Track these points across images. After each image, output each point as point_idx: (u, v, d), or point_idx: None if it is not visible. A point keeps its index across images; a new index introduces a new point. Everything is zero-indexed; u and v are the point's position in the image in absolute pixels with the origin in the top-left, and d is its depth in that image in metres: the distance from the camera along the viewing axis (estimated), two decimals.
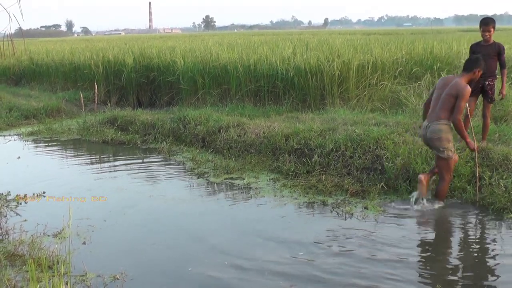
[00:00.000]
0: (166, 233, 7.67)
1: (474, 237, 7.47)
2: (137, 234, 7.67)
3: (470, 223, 7.83)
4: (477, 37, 9.62)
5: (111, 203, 9.02)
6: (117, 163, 12.07)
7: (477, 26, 10.18)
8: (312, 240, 7.21)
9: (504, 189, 8.15)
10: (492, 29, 9.77)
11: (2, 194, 9.32)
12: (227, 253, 6.90)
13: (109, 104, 19.76)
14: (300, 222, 7.95)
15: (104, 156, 12.93)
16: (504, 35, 32.31)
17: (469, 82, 8.14)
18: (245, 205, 8.81)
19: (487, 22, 9.80)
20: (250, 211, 8.56)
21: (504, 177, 8.45)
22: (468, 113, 9.16)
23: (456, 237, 7.49)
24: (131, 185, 10.07)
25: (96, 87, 18.50)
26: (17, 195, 9.28)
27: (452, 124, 8.05)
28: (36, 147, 13.87)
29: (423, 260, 6.56)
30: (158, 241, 7.37)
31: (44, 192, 9.45)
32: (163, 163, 11.79)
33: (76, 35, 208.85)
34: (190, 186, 10.00)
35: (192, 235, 7.56)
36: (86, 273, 6.28)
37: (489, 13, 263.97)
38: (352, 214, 8.10)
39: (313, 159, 10.26)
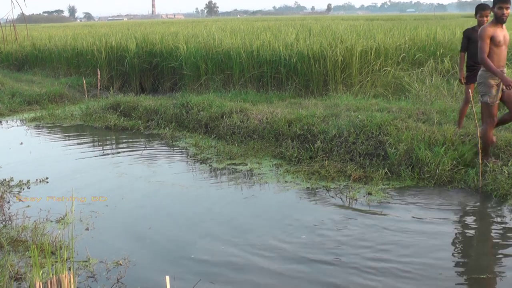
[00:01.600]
0: (168, 219, 7.69)
1: (477, 223, 7.44)
2: (139, 220, 7.66)
3: (473, 209, 7.81)
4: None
5: (113, 189, 9.04)
6: (119, 148, 12.07)
7: None
8: (314, 224, 7.22)
9: (507, 175, 8.12)
10: (489, 15, 9.77)
11: (5, 180, 9.34)
12: (227, 238, 6.91)
13: (111, 89, 19.71)
14: (302, 207, 7.95)
15: (107, 141, 12.92)
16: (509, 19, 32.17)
17: (498, 21, 8.45)
18: (247, 191, 8.80)
19: (484, 7, 9.78)
20: (252, 196, 8.55)
21: (507, 164, 8.44)
22: (471, 98, 9.18)
23: (459, 224, 7.45)
24: (132, 171, 10.07)
25: (98, 73, 18.47)
26: (20, 181, 9.30)
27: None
28: (39, 132, 13.88)
29: (425, 248, 6.54)
30: (160, 226, 7.39)
31: (47, 178, 9.46)
32: (166, 148, 11.78)
33: (78, 20, 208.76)
34: (193, 171, 10.00)
35: (194, 221, 7.56)
36: (89, 259, 6.29)
37: None
38: (356, 199, 8.10)
39: (316, 145, 10.26)
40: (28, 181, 9.30)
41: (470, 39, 9.90)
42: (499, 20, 8.38)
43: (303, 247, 6.58)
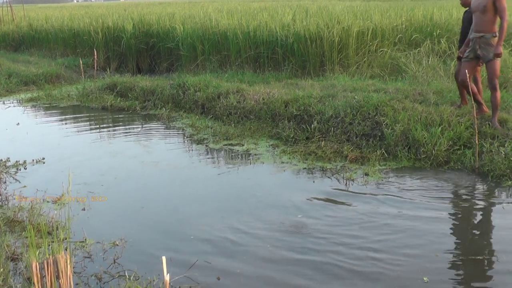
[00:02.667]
0: (164, 199, 7.70)
1: (473, 204, 7.43)
2: (135, 200, 7.66)
3: (470, 190, 7.80)
4: None
5: (109, 169, 9.05)
6: (116, 129, 12.05)
7: None
8: (309, 205, 7.23)
9: (504, 156, 8.13)
10: None
11: (2, 160, 9.33)
12: (223, 218, 6.92)
13: (108, 70, 19.67)
14: (299, 188, 7.96)
15: (103, 122, 12.90)
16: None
17: None
18: (244, 171, 8.81)
19: None
20: (248, 176, 8.56)
21: (504, 145, 8.44)
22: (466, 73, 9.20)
23: (455, 205, 7.44)
24: (128, 151, 10.07)
25: (95, 54, 18.40)
26: (16, 161, 9.29)
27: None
28: (36, 113, 13.85)
29: (421, 229, 6.55)
30: (156, 207, 7.40)
31: (43, 158, 9.46)
32: (163, 129, 11.77)
33: (75, 1, 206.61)
34: (189, 152, 9.99)
35: (190, 201, 7.57)
36: (85, 239, 6.31)
37: None
38: (352, 180, 8.10)
39: (312, 125, 10.25)
40: (24, 162, 9.29)
41: (470, 22, 9.87)
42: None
43: (296, 228, 6.60)
